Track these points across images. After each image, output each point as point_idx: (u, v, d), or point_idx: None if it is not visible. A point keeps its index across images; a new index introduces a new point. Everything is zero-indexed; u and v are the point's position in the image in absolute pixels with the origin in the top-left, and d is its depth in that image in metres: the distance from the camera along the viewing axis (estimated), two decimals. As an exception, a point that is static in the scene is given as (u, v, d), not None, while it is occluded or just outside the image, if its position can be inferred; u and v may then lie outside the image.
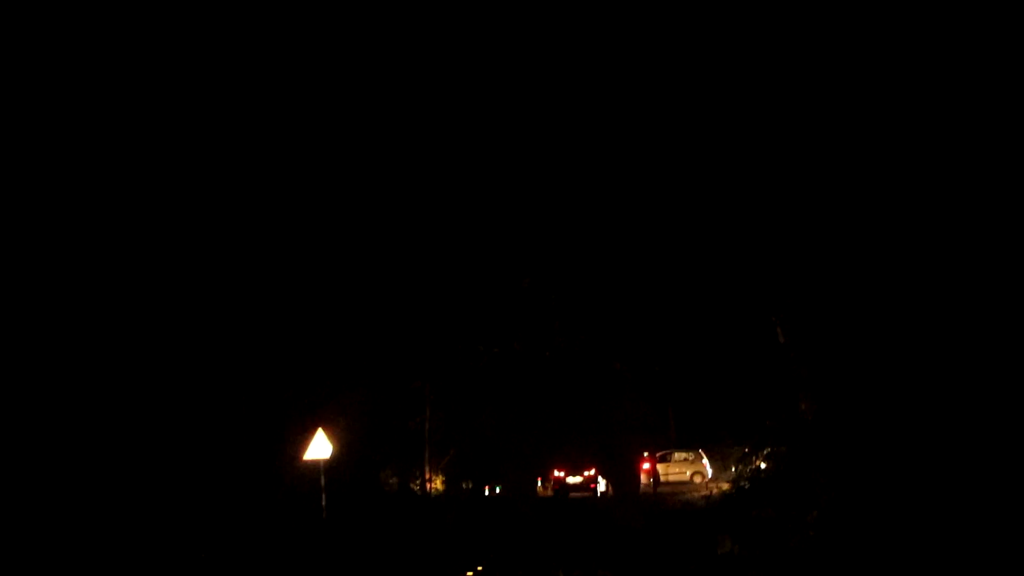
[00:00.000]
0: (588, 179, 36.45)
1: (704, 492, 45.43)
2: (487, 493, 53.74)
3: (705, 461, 55.04)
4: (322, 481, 31.86)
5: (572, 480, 53.41)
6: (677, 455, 56.14)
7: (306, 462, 32.18)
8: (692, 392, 55.15)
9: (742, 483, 36.69)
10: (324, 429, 32.24)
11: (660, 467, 55.33)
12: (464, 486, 48.22)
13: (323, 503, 31.87)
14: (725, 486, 40.78)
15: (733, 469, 44.31)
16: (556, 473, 53.55)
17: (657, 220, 36.05)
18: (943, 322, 25.86)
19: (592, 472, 54.03)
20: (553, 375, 48.35)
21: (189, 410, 33.49)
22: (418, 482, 43.80)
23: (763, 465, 36.49)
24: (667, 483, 54.23)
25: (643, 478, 54.10)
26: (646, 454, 55.37)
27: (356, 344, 38.54)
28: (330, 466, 32.25)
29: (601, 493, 53.36)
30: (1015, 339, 24.27)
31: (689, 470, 55.36)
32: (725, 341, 43.97)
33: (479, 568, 31.59)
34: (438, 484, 45.93)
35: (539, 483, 55.36)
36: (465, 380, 44.57)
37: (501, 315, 43.19)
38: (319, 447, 32.00)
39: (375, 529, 35.07)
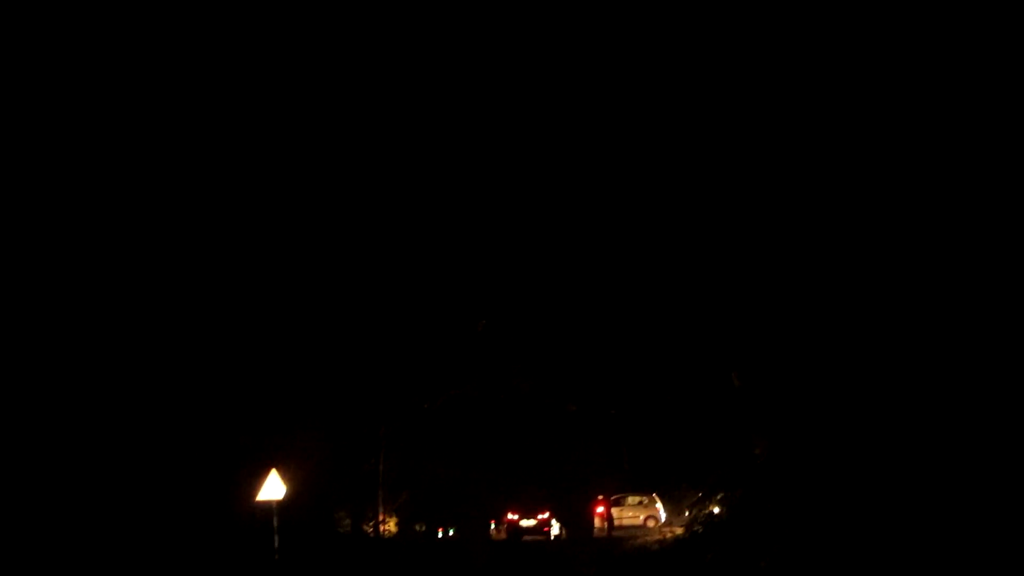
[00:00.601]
0: (544, 221, 36.76)
1: (658, 536, 45.53)
2: (440, 535, 53.68)
3: (659, 505, 55.16)
4: (275, 522, 31.70)
5: (526, 523, 53.45)
6: (631, 499, 56.23)
7: (260, 503, 32.03)
8: (647, 435, 55.34)
9: (696, 528, 36.93)
10: (278, 470, 32.11)
11: (614, 511, 55.38)
12: (417, 528, 48.19)
13: (276, 544, 31.67)
14: (679, 530, 40.99)
15: (687, 513, 44.57)
16: (510, 516, 53.62)
17: (612, 263, 36.37)
18: (893, 365, 26.33)
19: (546, 515, 54.11)
20: (508, 418, 48.48)
21: (142, 449, 33.21)
22: (371, 524, 43.64)
23: (716, 509, 36.75)
24: (621, 527, 54.26)
25: (597, 521, 54.20)
26: (600, 497, 55.54)
27: (312, 386, 38.50)
28: (284, 507, 32.08)
29: (555, 536, 53.41)
30: (953, 383, 24.80)
31: (643, 514, 55.39)
32: (680, 384, 44.18)
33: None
34: (391, 526, 45.80)
35: (492, 526, 55.43)
36: (420, 423, 44.62)
37: (457, 358, 43.31)
38: (272, 488, 31.87)
39: (328, 570, 34.93)
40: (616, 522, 54.81)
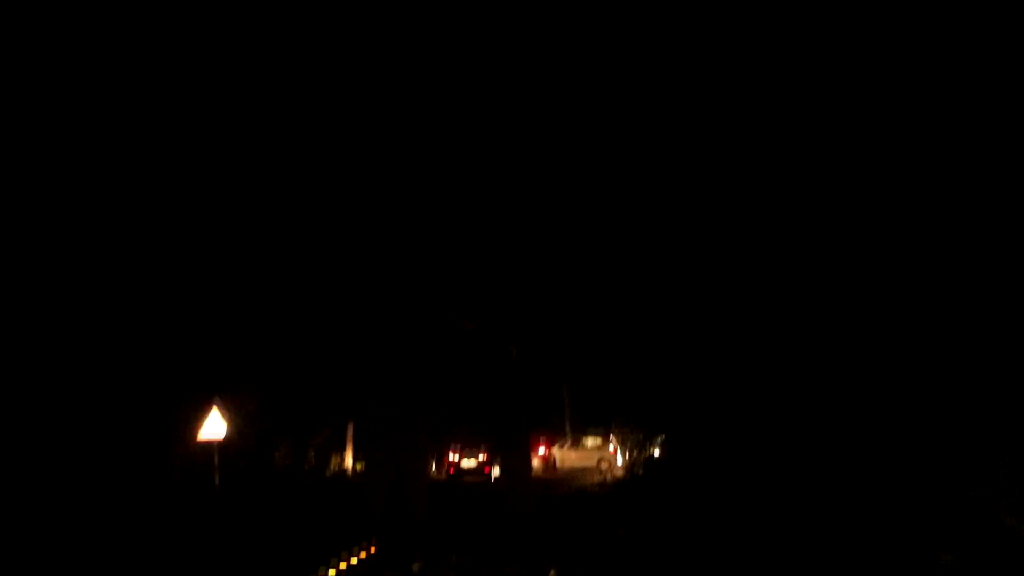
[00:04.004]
0: (477, 168, 38.24)
1: (599, 479, 47.65)
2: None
3: (613, 446, 56.99)
4: (215, 460, 32.77)
5: (467, 464, 55.13)
6: (587, 440, 58.33)
7: (200, 442, 33.06)
8: (589, 377, 57.06)
9: (636, 470, 38.98)
10: (219, 407, 33.08)
11: (566, 452, 57.54)
12: (358, 468, 49.68)
13: (216, 482, 32.76)
14: (620, 472, 43.04)
15: (624, 456, 46.65)
16: (450, 457, 55.22)
17: (550, 200, 37.92)
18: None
19: (485, 456, 55.72)
20: (448, 359, 49.93)
21: (72, 385, 34.07)
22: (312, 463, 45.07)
23: (657, 452, 38.77)
24: (573, 468, 56.30)
25: (538, 463, 56.16)
26: (542, 438, 57.44)
27: (254, 323, 39.60)
28: (224, 445, 33.11)
29: (496, 478, 55.10)
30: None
31: (596, 455, 57.37)
32: (623, 323, 45.60)
33: (372, 549, 33.12)
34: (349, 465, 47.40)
35: (433, 465, 57.06)
36: (361, 362, 45.86)
37: (398, 296, 44.56)
38: (213, 426, 32.80)
39: (267, 509, 36.35)
40: (568, 463, 56.98)
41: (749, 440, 30.01)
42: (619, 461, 54.99)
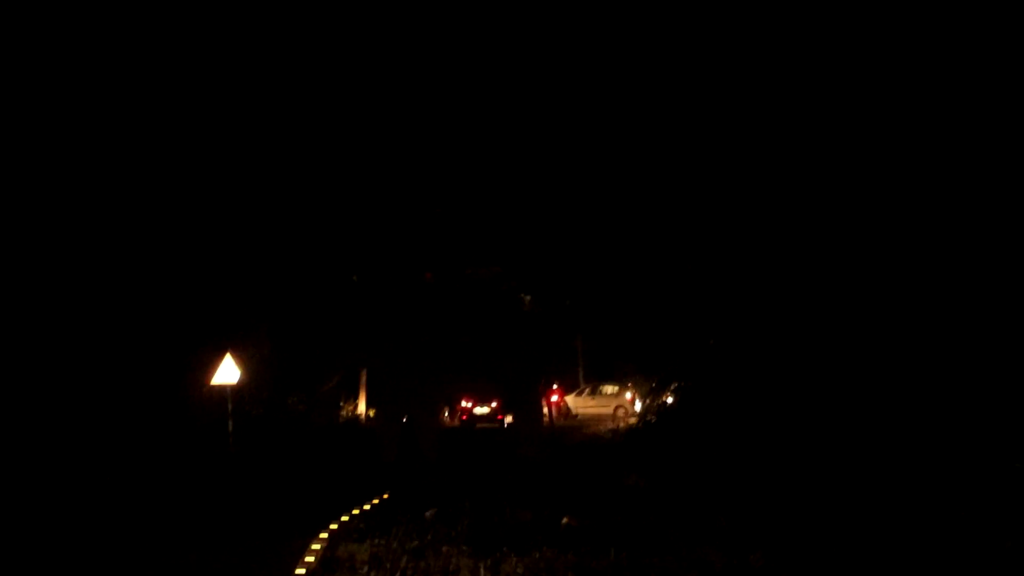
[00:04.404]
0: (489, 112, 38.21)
1: (612, 425, 47.86)
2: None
3: (629, 395, 57.22)
4: (229, 406, 33.10)
5: (480, 411, 55.47)
6: (606, 388, 58.55)
7: (213, 387, 33.40)
8: (603, 325, 57.20)
9: (649, 417, 39.10)
10: (232, 354, 33.39)
11: (584, 400, 57.79)
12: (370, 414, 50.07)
13: (230, 428, 33.11)
14: (632, 420, 43.20)
15: (637, 404, 46.83)
16: (463, 403, 55.55)
17: (568, 150, 37.88)
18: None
19: (498, 404, 56.04)
20: (462, 306, 50.10)
21: (90, 331, 34.37)
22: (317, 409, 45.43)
23: (670, 399, 38.86)
24: (590, 416, 56.63)
25: (551, 411, 56.44)
26: (555, 386, 57.73)
27: (270, 273, 39.84)
28: (237, 391, 33.45)
29: (508, 424, 55.45)
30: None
31: (614, 403, 57.63)
32: (637, 271, 45.67)
33: (384, 496, 33.27)
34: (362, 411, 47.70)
35: (445, 413, 57.43)
36: (374, 310, 46.10)
37: (413, 244, 44.72)
38: (227, 372, 33.15)
39: (281, 456, 36.65)
40: (585, 411, 57.25)
41: (764, 385, 30.10)
42: (636, 409, 55.20)
